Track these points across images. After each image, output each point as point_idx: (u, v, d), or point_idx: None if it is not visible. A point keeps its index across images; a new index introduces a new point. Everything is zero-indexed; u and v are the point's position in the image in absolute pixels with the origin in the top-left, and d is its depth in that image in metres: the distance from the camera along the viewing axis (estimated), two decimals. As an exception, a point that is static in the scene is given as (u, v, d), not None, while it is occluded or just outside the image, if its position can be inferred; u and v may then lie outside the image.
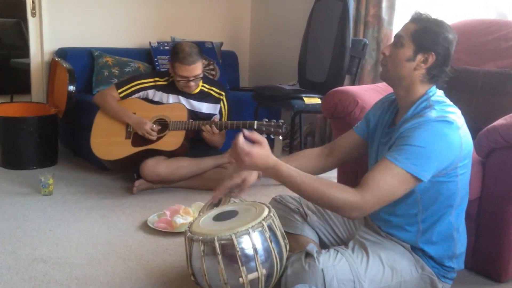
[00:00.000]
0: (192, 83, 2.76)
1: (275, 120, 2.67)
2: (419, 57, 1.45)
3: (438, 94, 1.48)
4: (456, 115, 1.43)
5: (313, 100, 3.07)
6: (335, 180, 2.38)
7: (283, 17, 4.18)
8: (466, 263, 1.60)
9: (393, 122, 1.56)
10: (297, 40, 3.52)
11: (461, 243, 1.53)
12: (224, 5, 4.35)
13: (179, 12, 4.11)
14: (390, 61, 1.49)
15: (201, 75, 2.79)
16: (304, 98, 3.05)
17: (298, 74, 3.45)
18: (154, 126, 2.70)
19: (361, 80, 3.36)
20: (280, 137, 2.75)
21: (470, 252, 1.79)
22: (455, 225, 1.50)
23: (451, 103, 1.47)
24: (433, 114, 1.40)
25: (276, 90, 3.23)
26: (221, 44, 4.09)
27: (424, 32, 1.44)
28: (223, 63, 3.97)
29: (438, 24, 1.46)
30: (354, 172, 2.21)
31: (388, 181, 1.36)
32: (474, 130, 1.85)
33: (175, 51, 2.74)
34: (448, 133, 1.38)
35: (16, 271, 1.83)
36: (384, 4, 3.23)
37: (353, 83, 3.23)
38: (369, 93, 2.30)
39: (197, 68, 2.74)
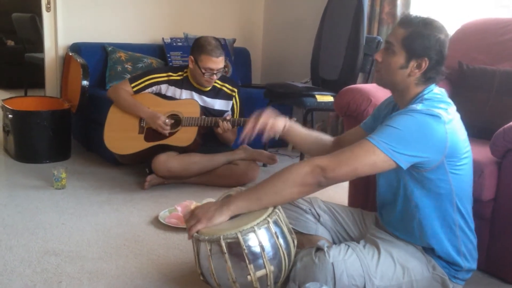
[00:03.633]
0: (214, 76, 2.77)
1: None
2: (412, 63, 1.43)
3: (434, 91, 1.46)
4: (445, 110, 1.39)
5: (325, 98, 3.05)
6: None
7: (296, 14, 4.16)
8: (479, 265, 1.58)
9: None
10: (310, 38, 3.51)
11: (469, 241, 1.50)
12: (237, 1, 4.34)
13: (192, 8, 4.11)
14: (383, 68, 1.47)
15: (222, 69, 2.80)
16: (317, 96, 3.04)
17: (310, 71, 3.43)
18: (167, 120, 2.71)
19: (374, 78, 3.33)
20: None
21: (484, 254, 1.77)
22: (456, 223, 1.47)
23: (446, 100, 1.44)
24: (418, 106, 1.39)
25: (288, 88, 3.22)
26: (234, 40, 4.08)
27: (414, 37, 1.40)
28: (235, 60, 3.96)
29: (428, 26, 1.41)
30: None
31: (359, 154, 1.35)
32: (490, 130, 1.83)
33: (201, 44, 2.74)
34: (431, 123, 1.35)
35: (28, 263, 1.84)
36: (399, 2, 3.20)
37: (366, 81, 3.21)
38: (383, 91, 2.25)
39: (223, 61, 2.76)
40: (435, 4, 3.10)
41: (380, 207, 1.62)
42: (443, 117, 1.36)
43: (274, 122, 1.65)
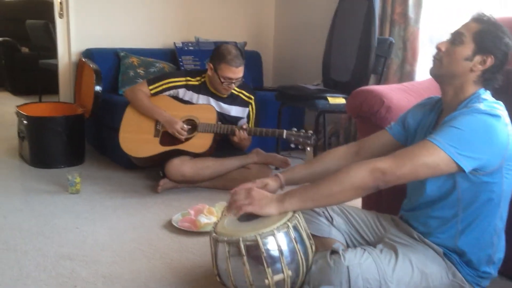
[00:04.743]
0: (233, 85, 2.77)
1: (304, 131, 2.64)
2: (478, 58, 1.41)
3: (487, 94, 1.45)
4: (505, 113, 1.38)
5: (337, 100, 3.04)
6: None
7: (307, 16, 4.16)
8: (497, 268, 1.56)
9: (437, 124, 1.52)
10: (321, 40, 3.50)
11: (500, 250, 1.48)
12: (248, 5, 4.35)
13: (203, 12, 4.13)
14: (446, 57, 1.44)
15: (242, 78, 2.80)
16: (329, 98, 3.03)
17: (322, 73, 3.42)
18: (184, 125, 2.71)
19: (387, 80, 3.32)
20: (309, 149, 2.71)
21: (500, 256, 1.74)
22: (496, 229, 1.45)
23: (499, 102, 1.42)
24: (481, 106, 1.36)
25: (300, 90, 3.21)
26: (245, 44, 4.09)
27: (487, 33, 1.40)
28: (247, 63, 3.92)
29: (501, 28, 1.42)
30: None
31: (422, 155, 1.31)
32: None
33: (221, 52, 2.74)
34: (496, 125, 1.33)
35: (43, 268, 1.86)
36: (410, 2, 3.18)
37: (378, 82, 3.19)
38: (395, 92, 2.26)
39: (242, 70, 2.76)
40: (447, 4, 3.07)
41: (412, 207, 1.58)
42: (505, 118, 1.36)
43: (264, 183, 1.57)
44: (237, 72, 2.72)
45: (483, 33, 1.40)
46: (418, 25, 3.19)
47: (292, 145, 2.67)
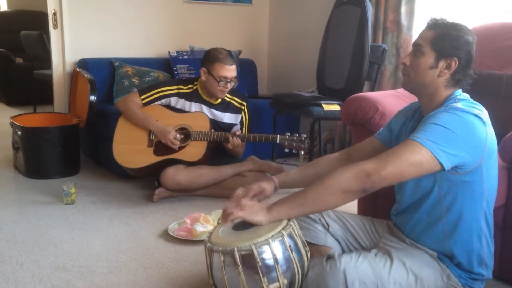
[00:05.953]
0: (229, 85, 2.77)
1: (297, 135, 2.65)
2: (442, 64, 1.43)
3: (464, 95, 1.47)
4: (482, 112, 1.40)
5: (332, 107, 3.05)
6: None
7: (301, 24, 4.18)
8: (492, 272, 1.56)
9: None
10: (315, 47, 3.52)
11: (489, 249, 1.49)
12: (242, 13, 4.38)
13: (197, 21, 4.15)
14: (412, 70, 1.46)
15: (236, 79, 2.81)
16: (323, 105, 3.04)
17: (316, 81, 3.44)
18: (177, 135, 2.71)
19: (380, 86, 3.33)
20: (302, 152, 2.73)
21: (496, 260, 1.74)
22: (484, 230, 1.46)
23: (477, 102, 1.44)
24: (459, 105, 1.38)
25: (295, 97, 3.22)
26: (240, 52, 4.10)
27: (443, 37, 1.42)
28: (241, 71, 3.98)
29: (456, 27, 1.43)
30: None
31: (405, 153, 1.31)
32: (498, 135, 1.81)
33: (213, 54, 2.76)
34: (474, 123, 1.34)
35: (39, 279, 1.85)
36: (403, 10, 3.21)
37: (372, 89, 3.21)
38: (389, 99, 2.27)
39: (235, 69, 2.78)
40: (439, 11, 3.10)
41: (399, 212, 1.59)
42: (483, 118, 1.37)
43: (261, 188, 1.58)
44: (231, 70, 2.74)
45: (439, 38, 1.42)
46: (411, 32, 3.22)
47: (286, 150, 2.68)
